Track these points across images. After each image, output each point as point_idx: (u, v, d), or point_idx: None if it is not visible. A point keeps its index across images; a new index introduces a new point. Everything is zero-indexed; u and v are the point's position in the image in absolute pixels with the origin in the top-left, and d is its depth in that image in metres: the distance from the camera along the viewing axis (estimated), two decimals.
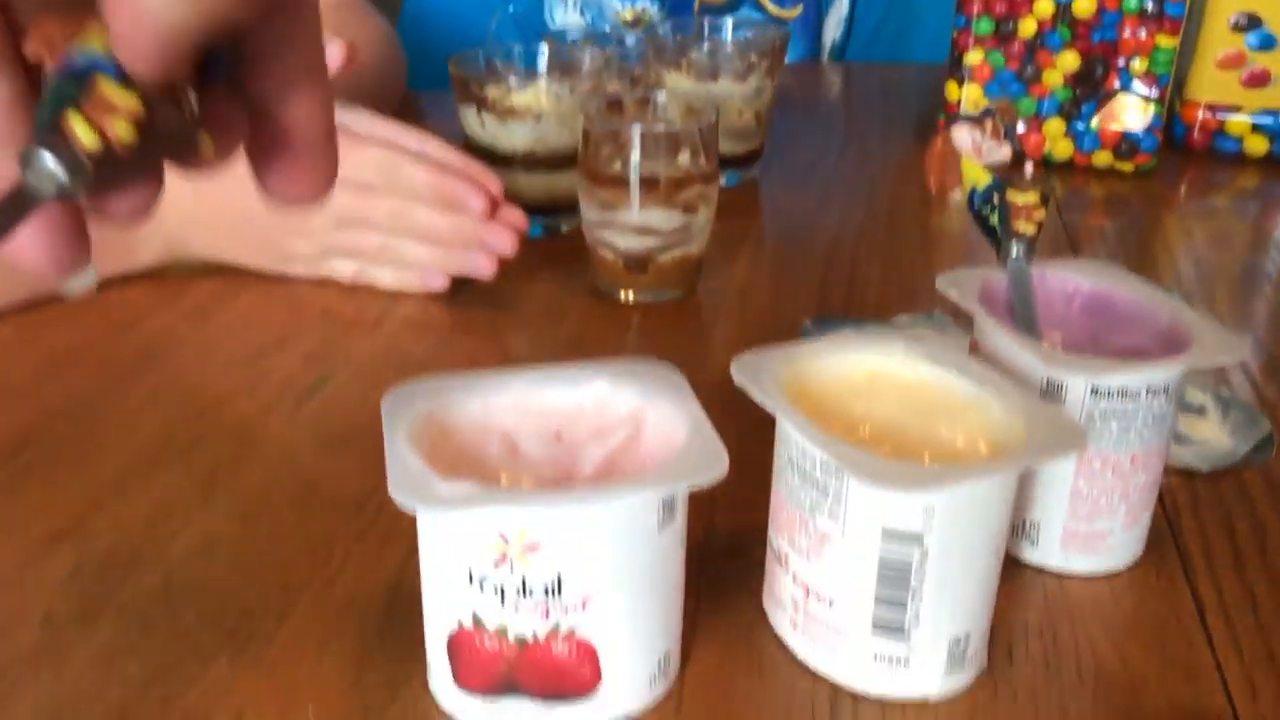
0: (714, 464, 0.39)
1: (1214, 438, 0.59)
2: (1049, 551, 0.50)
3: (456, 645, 0.40)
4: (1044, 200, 0.53)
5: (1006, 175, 0.54)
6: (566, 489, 0.38)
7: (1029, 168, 0.54)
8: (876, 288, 0.79)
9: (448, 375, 0.44)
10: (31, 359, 0.66)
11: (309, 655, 0.44)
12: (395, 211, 0.72)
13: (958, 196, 0.94)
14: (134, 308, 0.72)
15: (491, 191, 0.73)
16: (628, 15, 1.20)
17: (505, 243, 0.72)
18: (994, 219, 0.53)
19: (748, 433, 0.41)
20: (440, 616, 0.40)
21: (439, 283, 0.74)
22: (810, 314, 0.73)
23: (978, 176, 0.54)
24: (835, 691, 0.43)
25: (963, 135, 0.54)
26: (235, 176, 0.78)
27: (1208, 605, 0.49)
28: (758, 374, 0.44)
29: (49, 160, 0.25)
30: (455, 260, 0.73)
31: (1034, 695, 0.44)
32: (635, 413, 0.44)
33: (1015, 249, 0.53)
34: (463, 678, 0.40)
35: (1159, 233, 0.92)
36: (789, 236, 0.89)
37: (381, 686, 0.43)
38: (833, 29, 1.30)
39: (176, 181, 0.76)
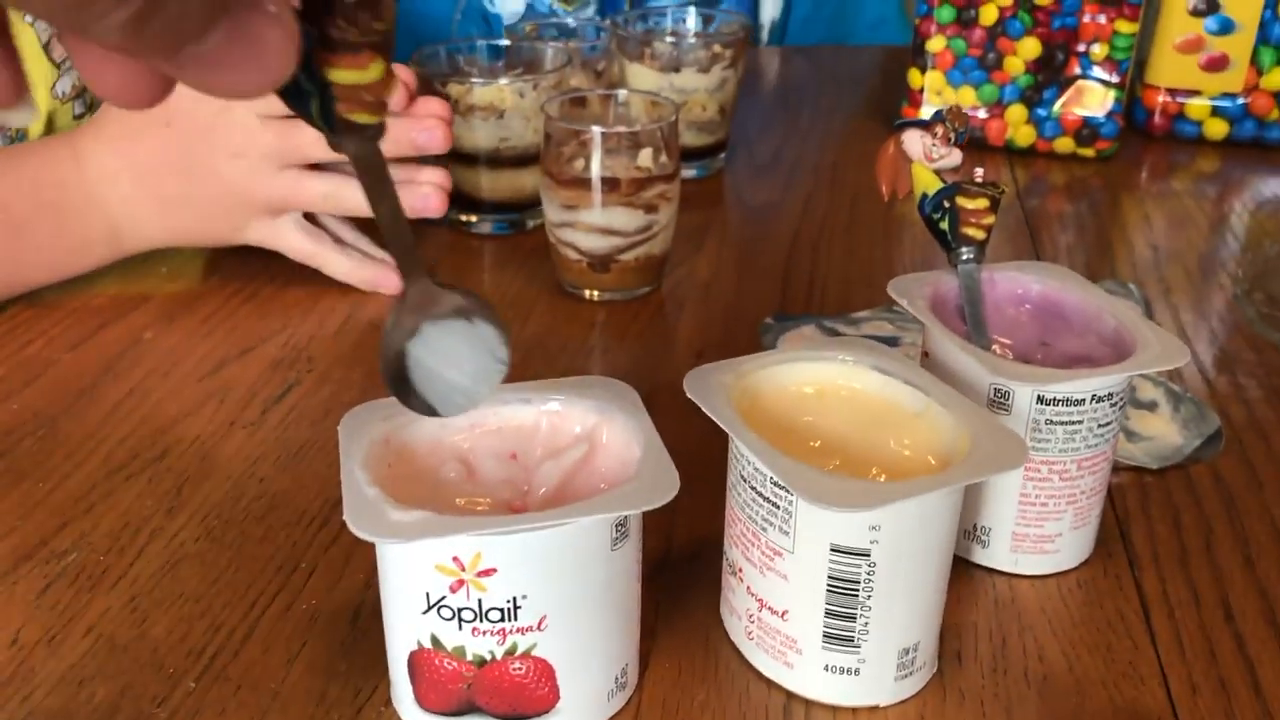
0: (665, 487, 0.40)
1: (1164, 433, 0.60)
2: (998, 554, 0.51)
3: (417, 665, 0.41)
4: (993, 205, 0.54)
5: (956, 180, 0.54)
6: (520, 515, 0.39)
7: (978, 172, 0.55)
8: (839, 281, 0.79)
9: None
10: None
11: (274, 671, 0.45)
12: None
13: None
14: (96, 316, 0.72)
15: (405, 81, 0.72)
16: None
17: (436, 137, 0.72)
18: (944, 224, 0.54)
19: (711, 436, 0.42)
20: (400, 637, 0.41)
21: (393, 284, 0.75)
22: (773, 308, 0.74)
23: (928, 182, 0.55)
24: (789, 699, 0.45)
25: (913, 141, 0.54)
26: (166, 142, 0.76)
27: (1152, 603, 0.50)
28: (709, 389, 0.45)
29: None
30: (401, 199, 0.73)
31: (981, 699, 0.45)
32: (590, 431, 0.45)
33: (965, 254, 0.54)
34: (423, 697, 0.41)
35: (1118, 218, 0.93)
36: (753, 228, 0.89)
37: (347, 703, 0.44)
38: (770, 8, 1.30)
39: (114, 167, 0.75)
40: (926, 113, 1.00)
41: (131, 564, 0.51)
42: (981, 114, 1.00)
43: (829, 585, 0.42)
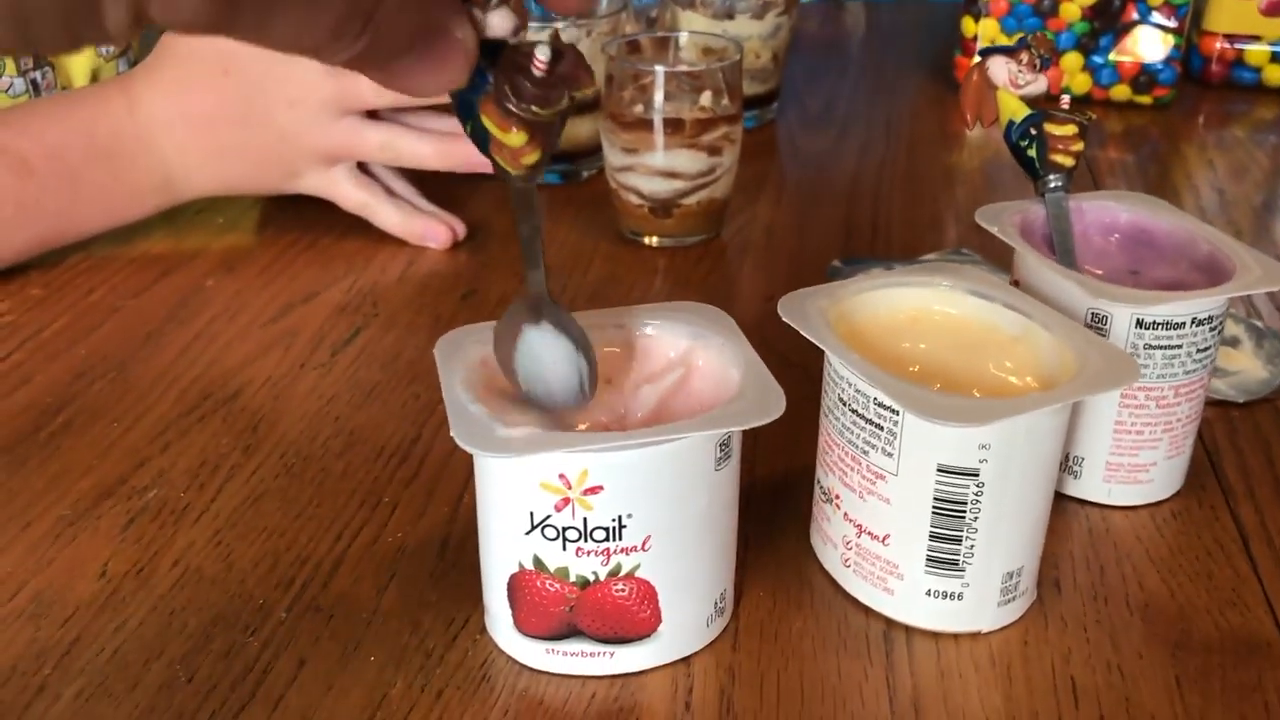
0: (771, 405, 0.39)
1: (1249, 368, 0.59)
2: (1092, 485, 0.50)
3: (517, 588, 0.40)
4: (1082, 132, 0.53)
5: (1043, 107, 0.53)
6: (627, 432, 0.38)
7: (1066, 99, 0.53)
8: (901, 226, 0.78)
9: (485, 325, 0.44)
10: (60, 317, 0.65)
11: (366, 601, 0.45)
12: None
13: (974, 132, 0.94)
14: (155, 266, 0.72)
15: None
16: None
17: None
18: (1031, 151, 0.53)
19: (779, 373, 0.41)
20: (499, 560, 0.41)
21: (442, 238, 0.74)
22: (837, 254, 0.73)
23: (1014, 109, 0.54)
24: (889, 625, 0.44)
25: (998, 68, 0.53)
26: (222, 90, 0.76)
27: (1251, 533, 0.49)
28: (804, 313, 0.44)
29: None
30: (458, 153, 0.72)
31: (1084, 626, 0.44)
32: (685, 355, 0.44)
33: (1053, 181, 0.53)
34: (523, 621, 0.41)
35: (1180, 165, 0.91)
36: (810, 177, 0.88)
37: (440, 631, 0.43)
38: None
39: (167, 116, 0.74)
40: None
41: (213, 500, 0.51)
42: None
43: (934, 507, 0.41)
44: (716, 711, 0.40)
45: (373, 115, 0.72)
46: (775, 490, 0.51)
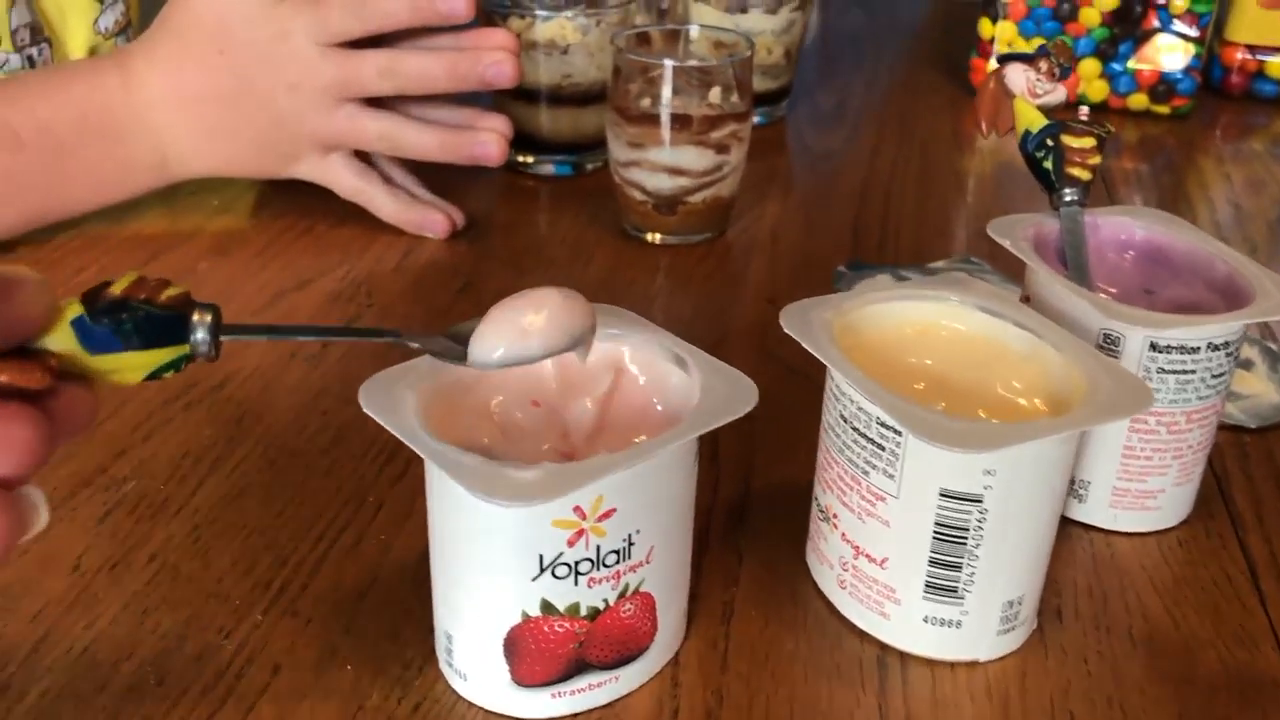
0: (746, 390, 0.38)
1: (1262, 392, 0.58)
2: (1097, 509, 0.49)
3: (518, 641, 0.37)
4: (1100, 145, 0.51)
5: (1061, 117, 0.51)
6: (634, 449, 0.36)
7: (1084, 110, 0.52)
8: (910, 230, 0.77)
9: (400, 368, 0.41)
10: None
11: (346, 606, 0.43)
12: (385, 67, 0.68)
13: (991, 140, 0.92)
14: (147, 247, 0.70)
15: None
16: None
17: (504, 72, 0.69)
18: (1047, 163, 0.51)
19: (781, 381, 0.39)
20: (493, 618, 0.37)
21: (440, 228, 0.72)
22: (844, 257, 0.72)
23: (1031, 119, 0.52)
24: (883, 650, 0.43)
25: (1016, 76, 0.52)
26: (218, 70, 0.74)
27: (1260, 565, 0.48)
28: (807, 324, 0.42)
29: None
30: (460, 144, 0.71)
31: (1085, 658, 0.43)
32: (609, 359, 0.42)
33: (1069, 195, 0.51)
34: (524, 674, 0.38)
35: (1195, 177, 0.89)
36: (819, 177, 0.87)
37: (420, 641, 0.42)
38: None
39: (163, 93, 0.73)
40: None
41: (192, 494, 0.49)
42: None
43: (935, 532, 0.40)
44: None
45: (374, 102, 0.70)
46: (772, 504, 0.50)
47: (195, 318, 0.31)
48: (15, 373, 0.29)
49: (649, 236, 0.73)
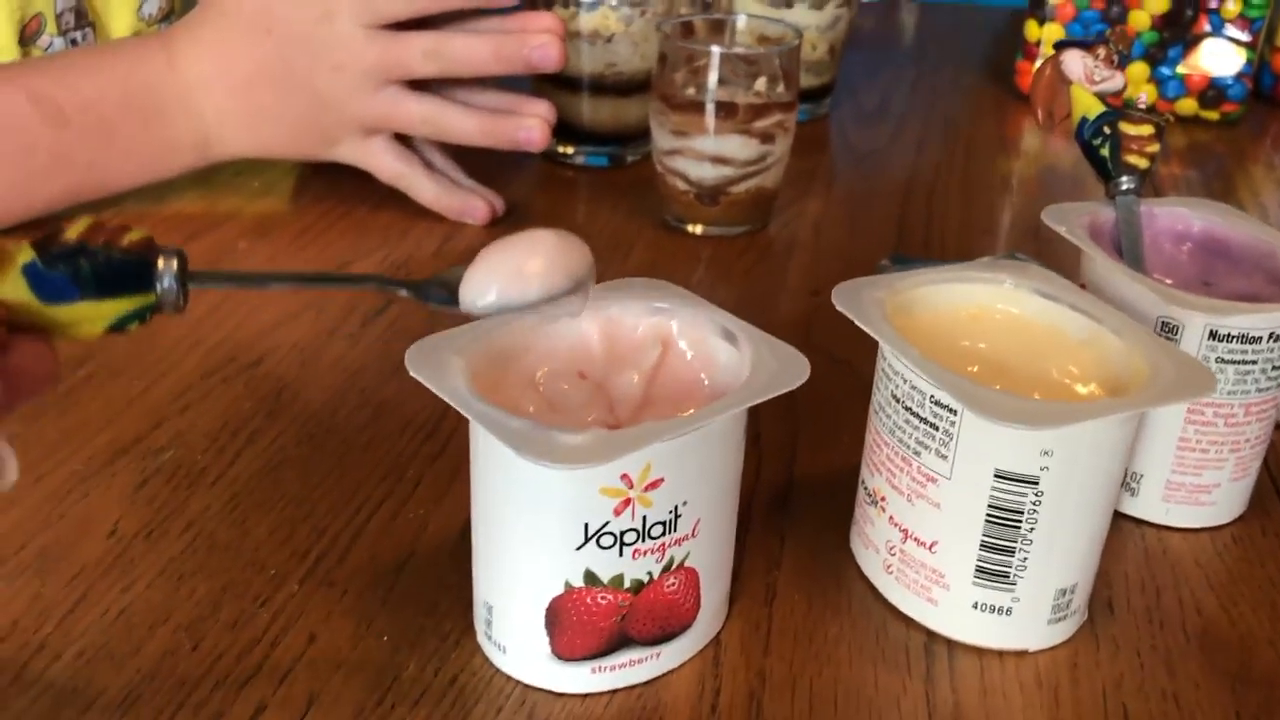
0: (797, 364, 0.37)
1: None
2: (1149, 503, 0.48)
3: (560, 611, 0.37)
4: (1158, 133, 0.50)
5: (1118, 105, 0.51)
6: (687, 416, 0.35)
7: (1143, 97, 0.51)
8: (955, 227, 0.76)
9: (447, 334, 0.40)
10: None
11: (383, 578, 0.43)
12: (430, 49, 0.67)
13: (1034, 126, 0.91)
14: (187, 225, 0.70)
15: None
16: None
17: (550, 55, 0.68)
18: (1104, 150, 0.50)
19: (824, 370, 0.39)
20: (534, 588, 0.37)
21: (480, 215, 0.72)
22: (887, 252, 0.71)
23: (1088, 105, 0.51)
24: (930, 637, 0.41)
25: (1074, 62, 0.51)
26: (264, 51, 0.74)
27: None
28: (860, 303, 0.42)
29: None
30: (503, 129, 0.70)
31: (1138, 651, 0.42)
32: (656, 332, 0.41)
33: (1126, 182, 0.50)
34: (565, 646, 0.37)
35: (1245, 184, 0.88)
36: (862, 174, 0.86)
37: (459, 614, 0.41)
38: None
39: (206, 73, 0.72)
40: None
41: (230, 464, 0.49)
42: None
43: (988, 515, 0.39)
44: (745, 716, 0.38)
45: (417, 85, 0.70)
46: (815, 489, 0.49)
47: (160, 264, 0.29)
48: None
49: (690, 228, 0.73)
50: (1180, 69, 0.94)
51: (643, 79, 0.77)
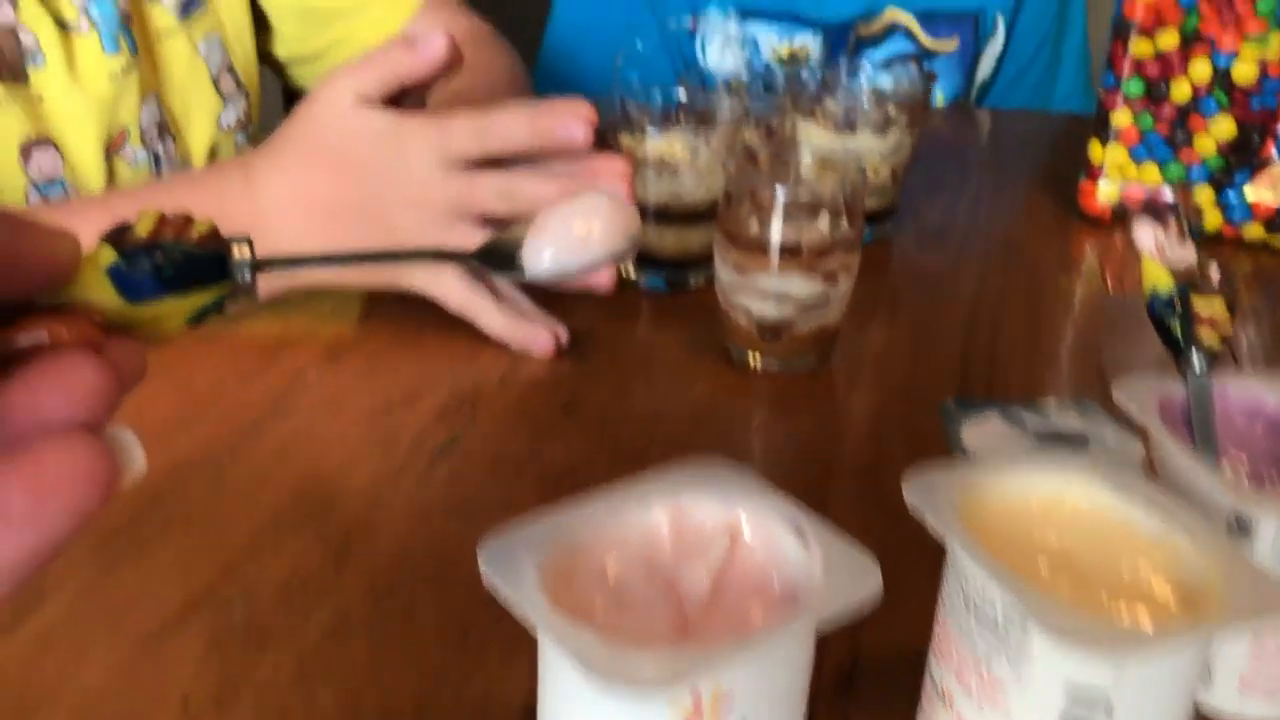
0: (867, 577, 0.37)
1: None
2: (1225, 695, 0.47)
3: None
4: (1231, 310, 0.50)
5: (1190, 278, 0.50)
6: (756, 632, 0.36)
7: (1215, 272, 0.51)
8: (1021, 361, 0.75)
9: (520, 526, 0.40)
10: (165, 401, 0.65)
11: None
12: (504, 190, 0.68)
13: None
14: (263, 352, 0.72)
15: (586, 116, 0.70)
16: (784, 51, 1.18)
17: (618, 181, 0.70)
18: (1176, 327, 0.50)
19: (901, 529, 0.38)
20: None
21: (543, 347, 0.72)
22: (951, 388, 0.71)
23: (1159, 278, 0.51)
24: None
25: (1145, 233, 0.51)
26: (341, 181, 0.75)
27: None
28: (932, 497, 0.41)
29: None
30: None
31: None
32: (726, 523, 0.41)
33: (1198, 362, 0.50)
34: None
35: None
36: (925, 301, 0.86)
37: None
38: (986, 66, 1.27)
39: (284, 200, 0.74)
40: (1106, 189, 0.95)
41: (299, 624, 0.49)
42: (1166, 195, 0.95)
43: None
44: None
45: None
46: (882, 670, 0.49)
47: (236, 254, 0.29)
48: (57, 325, 0.26)
49: (751, 360, 0.73)
50: (1247, 194, 0.94)
51: (706, 208, 0.78)
